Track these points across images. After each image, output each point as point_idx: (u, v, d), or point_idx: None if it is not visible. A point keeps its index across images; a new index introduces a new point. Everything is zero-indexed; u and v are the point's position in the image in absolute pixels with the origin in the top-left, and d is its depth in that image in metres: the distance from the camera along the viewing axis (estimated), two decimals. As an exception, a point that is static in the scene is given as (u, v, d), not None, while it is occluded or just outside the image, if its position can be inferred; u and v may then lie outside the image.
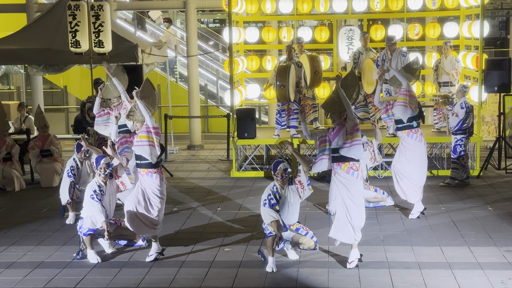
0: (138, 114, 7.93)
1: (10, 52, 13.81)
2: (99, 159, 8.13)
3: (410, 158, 9.49)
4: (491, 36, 26.65)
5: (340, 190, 7.65)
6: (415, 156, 9.50)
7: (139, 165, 7.99)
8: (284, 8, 13.94)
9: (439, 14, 14.32)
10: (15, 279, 7.44)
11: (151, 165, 7.89)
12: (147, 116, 7.90)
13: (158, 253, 7.99)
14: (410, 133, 9.45)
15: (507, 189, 11.38)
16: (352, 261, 7.58)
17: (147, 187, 7.92)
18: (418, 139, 9.47)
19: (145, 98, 8.10)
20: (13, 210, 10.67)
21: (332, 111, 7.76)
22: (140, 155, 7.85)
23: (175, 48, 17.42)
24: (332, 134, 7.70)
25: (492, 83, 12.17)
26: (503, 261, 7.74)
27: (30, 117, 14.45)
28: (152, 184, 7.91)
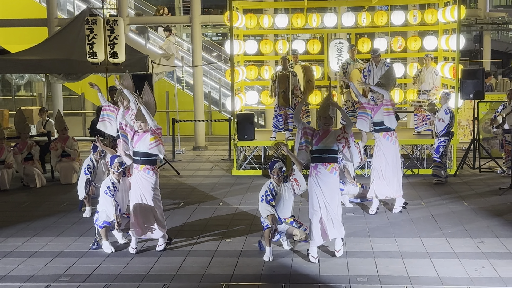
0: (140, 115, 7.94)
1: (33, 62, 13.82)
2: (113, 158, 8.13)
3: (387, 156, 9.47)
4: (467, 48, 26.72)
5: (323, 191, 7.53)
6: (391, 156, 9.48)
7: (141, 162, 7.88)
8: (280, 23, 13.96)
9: (420, 29, 14.33)
10: (37, 267, 7.45)
11: (151, 162, 7.89)
12: (149, 120, 7.89)
13: (167, 243, 8.00)
14: (386, 135, 9.44)
15: (480, 186, 11.39)
16: (340, 249, 7.59)
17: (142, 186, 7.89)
18: (392, 142, 9.47)
19: (146, 103, 8.08)
20: (35, 204, 10.67)
21: (333, 116, 7.82)
22: (147, 152, 7.82)
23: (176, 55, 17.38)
24: (318, 136, 7.68)
25: (467, 91, 12.18)
26: (477, 251, 7.74)
27: (50, 121, 14.44)
28: (148, 180, 7.88)
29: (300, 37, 18.14)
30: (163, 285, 6.83)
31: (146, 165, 7.89)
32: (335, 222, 7.57)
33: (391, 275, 6.99)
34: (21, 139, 12.31)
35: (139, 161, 7.91)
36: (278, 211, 7.62)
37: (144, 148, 7.81)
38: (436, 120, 11.40)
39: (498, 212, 9.48)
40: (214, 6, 27.88)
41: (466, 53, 26.89)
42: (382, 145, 9.49)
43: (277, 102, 12.49)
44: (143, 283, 6.91)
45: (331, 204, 7.56)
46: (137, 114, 7.95)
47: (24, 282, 7.00)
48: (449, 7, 12.60)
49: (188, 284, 6.87)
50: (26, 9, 18.65)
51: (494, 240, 8.13)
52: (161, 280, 6.97)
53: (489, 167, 12.82)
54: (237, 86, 13.38)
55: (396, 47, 13.74)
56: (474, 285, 6.65)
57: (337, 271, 7.12)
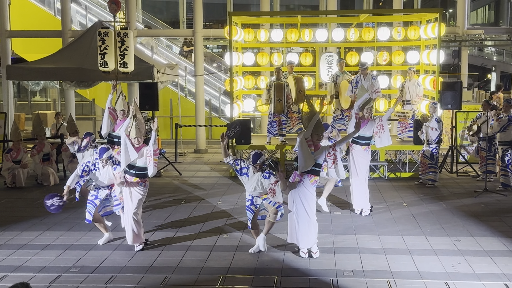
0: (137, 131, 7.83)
1: (48, 70, 13.82)
2: (103, 151, 7.93)
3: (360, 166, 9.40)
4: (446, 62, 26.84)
5: (302, 199, 7.43)
6: (364, 165, 9.42)
7: (135, 175, 7.63)
8: (275, 37, 13.98)
9: (403, 44, 14.36)
10: (49, 259, 7.43)
11: (144, 176, 7.67)
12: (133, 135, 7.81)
13: (144, 243, 7.84)
14: (366, 149, 9.40)
15: (457, 188, 11.41)
16: (316, 251, 7.50)
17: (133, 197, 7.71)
18: (368, 152, 9.45)
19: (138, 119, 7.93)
20: (48, 201, 10.62)
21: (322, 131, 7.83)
22: (144, 167, 7.60)
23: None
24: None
25: (446, 101, 12.21)
26: (454, 248, 7.75)
27: (64, 125, 14.41)
28: (139, 192, 7.70)
29: (294, 50, 18.14)
30: (165, 277, 6.81)
31: (140, 178, 7.68)
32: (305, 231, 7.43)
33: (374, 269, 6.99)
34: (38, 141, 12.30)
35: (133, 174, 7.64)
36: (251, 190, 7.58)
37: (140, 163, 7.58)
38: (428, 129, 11.42)
39: (473, 213, 9.50)
40: (215, 21, 27.95)
41: (446, 67, 26.98)
42: (357, 156, 9.35)
43: (272, 109, 12.50)
44: (147, 274, 6.90)
45: (309, 212, 7.43)
46: (136, 131, 7.82)
47: (37, 272, 6.98)
48: (430, 25, 12.65)
49: (188, 276, 6.86)
50: (43, 22, 18.65)
51: (469, 239, 8.14)
52: (163, 272, 6.96)
53: (465, 171, 12.84)
54: (235, 94, 13.38)
55: (382, 61, 13.78)
56: (450, 279, 6.65)
57: (325, 266, 7.12)
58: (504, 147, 11.30)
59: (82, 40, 14.46)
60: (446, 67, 27.02)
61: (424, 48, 13.64)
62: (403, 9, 16.68)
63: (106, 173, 7.95)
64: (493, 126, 11.31)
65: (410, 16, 14.46)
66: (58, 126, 14.38)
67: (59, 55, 14.40)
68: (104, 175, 7.98)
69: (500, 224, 8.84)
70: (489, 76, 29.18)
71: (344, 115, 12.84)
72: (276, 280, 6.68)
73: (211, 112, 18.66)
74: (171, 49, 21.64)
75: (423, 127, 11.61)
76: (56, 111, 16.81)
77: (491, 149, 11.63)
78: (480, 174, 12.07)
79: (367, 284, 6.55)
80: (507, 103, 11.37)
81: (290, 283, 6.61)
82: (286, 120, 12.66)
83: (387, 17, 15.33)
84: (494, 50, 33.53)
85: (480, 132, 11.87)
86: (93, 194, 8.04)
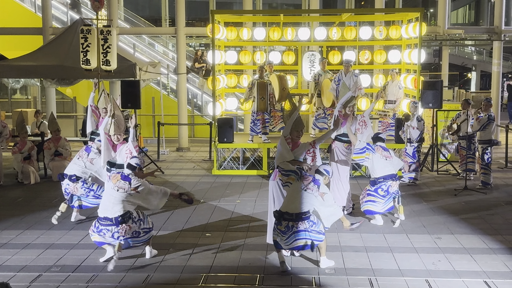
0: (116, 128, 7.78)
1: (28, 67, 13.67)
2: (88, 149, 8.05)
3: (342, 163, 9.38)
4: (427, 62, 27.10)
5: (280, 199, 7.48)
6: (345, 163, 9.40)
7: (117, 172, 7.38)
8: (258, 35, 13.98)
9: (385, 43, 14.45)
10: (30, 258, 7.36)
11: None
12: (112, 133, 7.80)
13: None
14: (349, 146, 9.36)
15: (438, 187, 11.50)
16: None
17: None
18: (350, 150, 9.38)
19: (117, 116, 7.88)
20: (28, 200, 10.54)
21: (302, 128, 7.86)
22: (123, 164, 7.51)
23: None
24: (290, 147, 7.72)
25: (427, 100, 12.30)
26: (434, 246, 7.82)
27: (44, 123, 14.30)
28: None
29: (276, 49, 18.16)
30: (147, 276, 6.78)
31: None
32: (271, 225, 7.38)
33: (356, 267, 7.02)
34: (20, 139, 12.18)
35: (115, 172, 7.39)
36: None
37: (120, 161, 7.44)
38: (410, 128, 11.50)
39: (454, 211, 9.59)
40: (197, 19, 27.90)
41: (427, 66, 27.23)
42: (340, 154, 9.32)
43: (255, 108, 12.50)
44: (128, 273, 6.86)
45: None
46: (115, 128, 7.78)
47: (18, 271, 6.90)
48: (411, 24, 12.74)
49: (171, 274, 6.83)
50: (23, 19, 18.47)
51: (449, 236, 8.22)
52: (146, 271, 6.92)
53: (446, 170, 12.95)
54: (218, 92, 13.36)
55: (364, 60, 13.84)
56: (431, 277, 6.71)
57: (307, 264, 7.13)
58: (483, 146, 11.42)
59: (63, 38, 14.34)
60: (427, 66, 27.27)
61: (405, 47, 13.73)
62: (384, 9, 16.80)
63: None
64: (473, 125, 11.42)
65: (392, 15, 14.56)
66: (38, 124, 14.25)
67: (40, 53, 14.27)
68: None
69: (480, 222, 8.93)
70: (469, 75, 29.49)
71: (326, 114, 12.87)
72: (258, 278, 6.68)
73: (193, 111, 18.60)
74: (153, 47, 21.55)
75: (404, 126, 11.69)
76: (36, 109, 16.63)
77: (471, 148, 11.74)
78: (460, 172, 12.19)
79: (348, 282, 6.58)
80: (487, 102, 11.49)
81: (273, 281, 6.61)
82: (269, 119, 12.68)
83: (369, 16, 15.41)
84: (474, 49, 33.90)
85: (460, 131, 11.97)
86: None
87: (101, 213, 7.11)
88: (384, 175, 8.73)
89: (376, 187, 8.76)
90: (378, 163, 8.76)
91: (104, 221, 7.08)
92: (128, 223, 7.12)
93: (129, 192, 7.08)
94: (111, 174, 7.24)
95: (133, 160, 7.20)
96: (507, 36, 17.28)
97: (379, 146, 8.88)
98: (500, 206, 9.99)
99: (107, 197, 7.17)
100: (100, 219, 7.11)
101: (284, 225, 6.89)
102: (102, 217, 7.09)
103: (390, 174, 8.76)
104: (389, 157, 8.82)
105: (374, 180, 8.82)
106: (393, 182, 8.76)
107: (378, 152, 8.80)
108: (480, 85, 32.11)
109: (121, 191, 7.06)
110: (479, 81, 32.55)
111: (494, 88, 17.14)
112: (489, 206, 9.94)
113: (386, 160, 8.78)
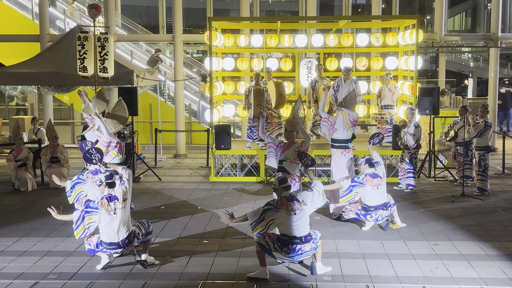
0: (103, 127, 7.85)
1: (25, 74, 13.67)
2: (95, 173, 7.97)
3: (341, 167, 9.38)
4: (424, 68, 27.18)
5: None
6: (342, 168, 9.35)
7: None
8: (255, 42, 14.01)
9: (382, 50, 14.48)
10: (26, 265, 7.34)
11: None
12: (104, 131, 7.81)
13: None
14: (344, 152, 9.34)
15: (435, 193, 11.51)
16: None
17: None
18: (345, 156, 9.37)
19: (115, 115, 7.94)
20: (25, 207, 10.51)
21: (295, 130, 7.89)
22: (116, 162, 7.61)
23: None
24: (282, 148, 7.80)
25: (424, 107, 12.32)
26: (432, 252, 7.81)
27: (41, 129, 14.29)
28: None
29: (274, 55, 18.18)
30: (144, 283, 6.76)
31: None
32: None
33: (354, 274, 7.01)
34: (16, 146, 12.16)
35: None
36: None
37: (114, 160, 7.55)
38: (407, 135, 11.52)
39: (451, 217, 9.59)
40: (195, 26, 27.96)
41: (423, 73, 27.28)
42: (338, 159, 9.35)
43: (251, 114, 12.52)
44: (126, 280, 6.84)
45: None
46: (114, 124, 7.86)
47: (14, 279, 6.88)
48: (408, 31, 12.78)
49: (168, 282, 6.81)
50: (20, 26, 18.48)
51: (447, 243, 8.22)
52: (143, 278, 6.90)
53: (443, 176, 12.97)
54: (215, 99, 13.37)
55: (361, 66, 13.88)
56: (428, 283, 6.70)
57: (304, 271, 7.12)
58: (480, 152, 11.44)
59: (60, 45, 14.34)
60: (423, 73, 27.31)
61: (402, 54, 13.77)
62: (381, 16, 16.86)
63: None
64: (470, 132, 11.44)
65: (389, 22, 14.60)
66: (35, 131, 14.24)
67: (37, 60, 14.26)
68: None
69: (477, 228, 8.93)
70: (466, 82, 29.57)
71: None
72: (256, 286, 6.67)
73: (190, 117, 18.62)
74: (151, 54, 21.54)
75: (401, 132, 11.71)
76: (33, 116, 16.62)
77: (468, 154, 11.75)
78: (458, 179, 12.20)
79: (346, 289, 6.58)
80: (484, 108, 11.52)
81: (270, 288, 6.61)
82: (266, 125, 12.69)
83: (366, 23, 15.47)
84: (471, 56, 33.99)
85: (457, 137, 11.99)
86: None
87: (106, 240, 7.10)
88: (375, 205, 8.68)
89: (366, 213, 8.73)
90: (370, 194, 8.64)
91: (110, 245, 7.11)
92: (133, 243, 7.20)
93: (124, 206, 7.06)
94: (97, 204, 7.10)
95: (106, 178, 7.12)
96: (503, 43, 17.34)
97: (368, 176, 8.65)
98: (498, 212, 10.00)
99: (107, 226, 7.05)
100: (105, 243, 7.11)
101: (292, 248, 6.87)
102: (108, 242, 7.09)
103: (382, 203, 8.70)
104: (380, 184, 8.65)
105: (366, 207, 8.75)
106: (384, 212, 8.71)
107: (368, 184, 8.60)
108: (477, 92, 32.18)
109: (118, 210, 7.02)
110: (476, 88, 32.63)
111: (491, 94, 17.18)
112: (486, 213, 9.95)
113: (377, 189, 8.63)
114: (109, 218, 7.02)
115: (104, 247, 7.11)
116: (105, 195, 7.06)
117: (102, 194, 7.08)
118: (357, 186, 8.68)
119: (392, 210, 8.81)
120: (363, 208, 8.76)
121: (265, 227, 6.88)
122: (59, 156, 12.10)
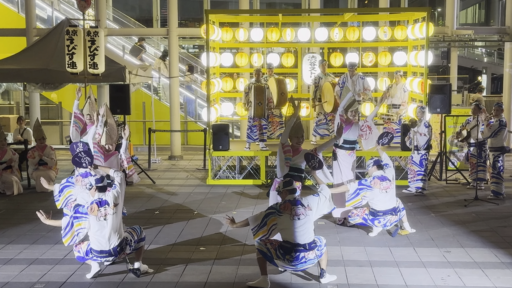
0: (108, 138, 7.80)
1: (11, 71, 13.69)
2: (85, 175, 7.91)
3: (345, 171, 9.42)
4: (435, 64, 27.14)
5: None
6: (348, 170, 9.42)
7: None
8: (255, 36, 14.02)
9: (390, 45, 14.50)
10: (12, 274, 7.33)
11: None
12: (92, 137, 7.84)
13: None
14: (351, 153, 9.42)
15: (447, 197, 11.51)
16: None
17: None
18: (352, 157, 9.44)
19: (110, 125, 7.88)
20: (11, 212, 10.51)
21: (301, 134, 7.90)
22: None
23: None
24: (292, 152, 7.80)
25: (435, 105, 12.33)
26: (443, 260, 7.81)
27: (28, 129, 14.30)
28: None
29: (275, 50, 18.21)
30: (137, 293, 6.77)
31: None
32: None
33: (360, 283, 7.01)
34: (-1, 148, 12.15)
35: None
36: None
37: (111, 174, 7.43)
38: (417, 134, 11.51)
39: (463, 223, 9.59)
40: (191, 19, 27.93)
41: (434, 69, 27.28)
42: (343, 161, 9.37)
43: (252, 114, 12.52)
44: (118, 290, 6.85)
45: None
46: (107, 138, 7.80)
47: (-1, 289, 6.89)
48: (418, 24, 12.79)
49: (162, 291, 6.82)
50: (5, 19, 18.50)
51: (459, 250, 8.22)
52: (135, 288, 6.91)
53: (455, 179, 12.97)
54: (212, 97, 13.38)
55: (367, 62, 13.90)
56: (440, 293, 6.71)
57: (308, 279, 7.12)
58: (495, 153, 11.43)
59: (48, 39, 14.36)
60: (434, 69, 27.31)
61: (411, 49, 13.78)
62: (389, 8, 16.86)
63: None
64: (483, 131, 11.43)
65: (397, 15, 14.62)
66: (21, 131, 14.24)
67: (23, 55, 14.28)
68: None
69: (491, 235, 8.94)
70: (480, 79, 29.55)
71: (327, 120, 12.91)
72: (256, 295, 6.68)
73: (186, 116, 18.63)
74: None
75: (411, 132, 11.70)
76: (19, 115, 16.64)
77: (481, 155, 11.73)
78: (471, 181, 12.20)
79: (352, 299, 6.58)
80: (498, 106, 11.51)
81: (271, 298, 6.61)
82: (266, 125, 12.70)
83: (373, 16, 15.48)
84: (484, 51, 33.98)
85: (470, 137, 11.99)
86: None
87: (96, 247, 7.08)
88: (384, 210, 8.68)
89: (374, 218, 8.74)
90: (378, 198, 8.65)
91: (100, 253, 7.09)
92: (125, 250, 7.17)
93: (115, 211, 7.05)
94: (87, 209, 7.07)
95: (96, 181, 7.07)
96: (519, 36, 17.35)
97: (376, 179, 8.65)
98: (513, 217, 10.01)
99: (98, 233, 7.03)
100: (95, 251, 7.10)
101: (295, 256, 6.86)
102: (98, 250, 7.08)
103: (390, 208, 8.69)
104: (388, 188, 8.65)
105: (374, 211, 8.76)
106: (393, 217, 8.71)
107: (376, 187, 8.61)
108: (491, 89, 32.17)
109: (109, 216, 7.01)
110: (490, 85, 32.61)
111: (506, 92, 17.20)
112: (501, 218, 9.95)
113: (386, 192, 8.63)
114: (99, 225, 6.99)
115: (94, 255, 7.11)
116: (95, 199, 7.04)
117: (93, 199, 7.07)
118: (365, 189, 8.69)
119: (401, 215, 8.82)
120: (370, 213, 8.77)
121: (267, 233, 6.88)
122: (45, 159, 12.10)
